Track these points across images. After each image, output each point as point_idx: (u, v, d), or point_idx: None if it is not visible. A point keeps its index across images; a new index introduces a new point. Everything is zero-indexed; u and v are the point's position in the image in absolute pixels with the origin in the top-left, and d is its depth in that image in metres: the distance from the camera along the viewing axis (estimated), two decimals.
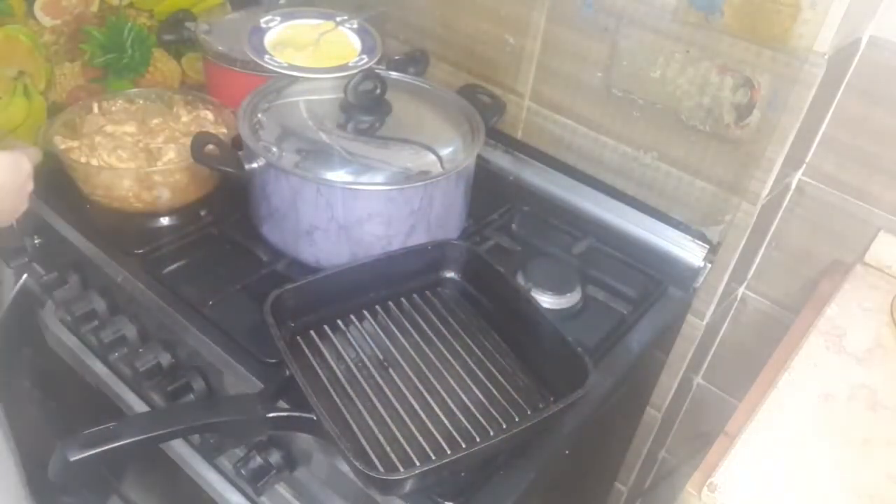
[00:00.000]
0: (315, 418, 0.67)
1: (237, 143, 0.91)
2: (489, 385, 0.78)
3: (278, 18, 1.10)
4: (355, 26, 1.12)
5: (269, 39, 1.06)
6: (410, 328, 0.84)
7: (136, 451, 0.98)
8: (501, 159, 1.14)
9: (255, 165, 0.87)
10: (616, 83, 0.99)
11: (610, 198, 1.04)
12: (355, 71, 0.98)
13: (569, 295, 0.91)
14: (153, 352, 0.88)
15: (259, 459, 0.77)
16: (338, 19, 1.12)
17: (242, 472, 0.76)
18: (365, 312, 0.85)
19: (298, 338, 0.80)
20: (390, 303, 0.87)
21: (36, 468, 1.03)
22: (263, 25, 1.09)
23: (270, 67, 1.01)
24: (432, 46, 1.16)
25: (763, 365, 0.84)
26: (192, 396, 0.85)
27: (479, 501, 0.69)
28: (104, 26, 1.10)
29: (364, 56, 1.07)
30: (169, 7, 1.17)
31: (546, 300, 0.90)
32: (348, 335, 0.82)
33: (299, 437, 0.76)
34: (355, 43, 1.10)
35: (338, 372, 0.77)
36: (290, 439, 0.78)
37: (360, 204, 0.85)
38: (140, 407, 0.97)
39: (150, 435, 0.65)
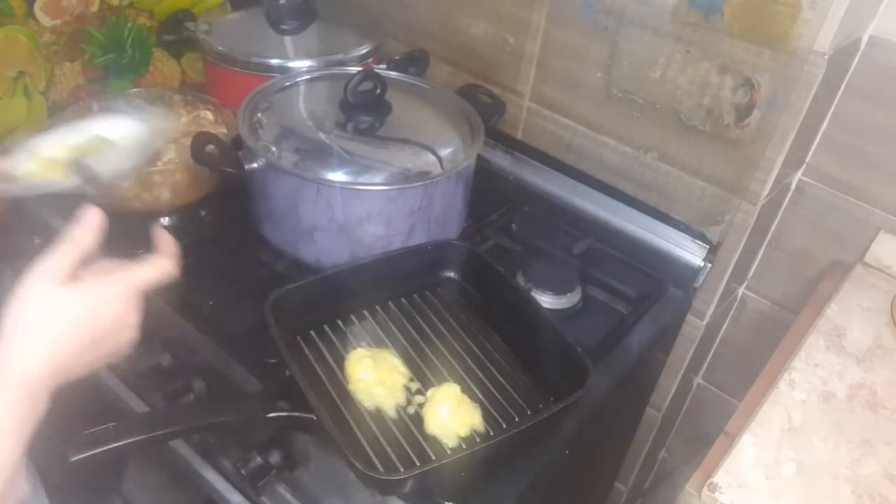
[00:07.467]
0: (315, 418, 0.67)
1: (237, 143, 0.91)
2: (489, 385, 0.78)
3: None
4: None
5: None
6: (410, 328, 0.84)
7: (137, 451, 0.98)
8: (501, 159, 1.13)
9: (254, 165, 0.87)
10: (616, 83, 0.99)
11: (610, 198, 1.04)
12: (354, 70, 0.98)
13: (569, 295, 0.91)
14: (153, 352, 0.88)
15: (259, 459, 0.76)
16: None
17: (242, 472, 0.76)
18: (365, 312, 0.85)
19: (298, 338, 0.80)
20: (390, 303, 0.87)
21: (36, 468, 1.03)
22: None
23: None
24: (432, 46, 1.16)
25: (763, 365, 0.84)
26: (192, 397, 0.85)
27: (479, 501, 0.69)
28: (104, 26, 1.10)
29: None
30: (169, 7, 1.17)
31: (546, 300, 0.90)
32: (348, 335, 0.82)
33: (299, 437, 0.76)
34: None
35: (338, 372, 0.77)
36: (290, 439, 0.78)
37: (360, 204, 0.85)
38: (140, 407, 0.97)
39: (150, 435, 0.65)
